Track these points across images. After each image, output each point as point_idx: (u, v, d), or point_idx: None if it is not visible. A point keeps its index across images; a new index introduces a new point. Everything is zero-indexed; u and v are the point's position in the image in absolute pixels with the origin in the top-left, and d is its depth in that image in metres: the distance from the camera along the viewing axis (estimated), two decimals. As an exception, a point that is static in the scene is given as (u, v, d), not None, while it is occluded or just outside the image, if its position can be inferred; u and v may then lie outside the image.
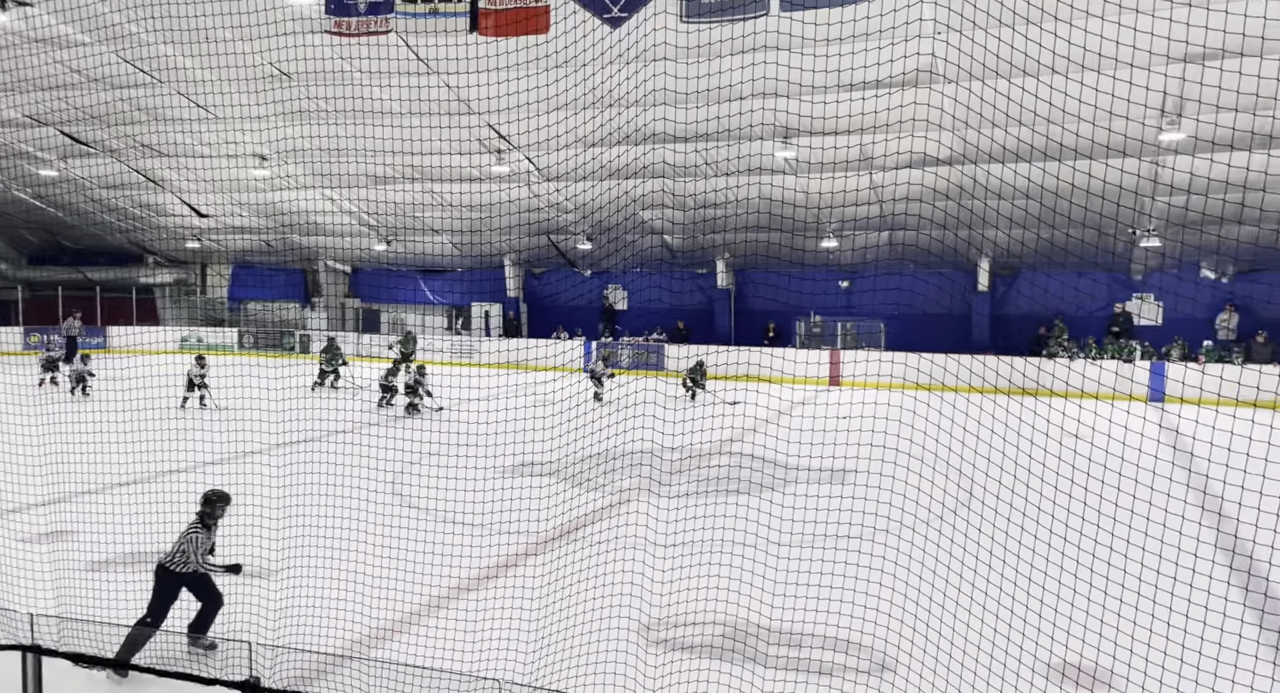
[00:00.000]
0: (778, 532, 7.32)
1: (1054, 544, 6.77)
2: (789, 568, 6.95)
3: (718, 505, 8.72)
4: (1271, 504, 6.35)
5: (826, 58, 12.35)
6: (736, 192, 21.49)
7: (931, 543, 7.15)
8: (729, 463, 11.86)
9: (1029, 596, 6.24)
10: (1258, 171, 16.31)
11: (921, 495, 7.89)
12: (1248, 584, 7.50)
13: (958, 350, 22.09)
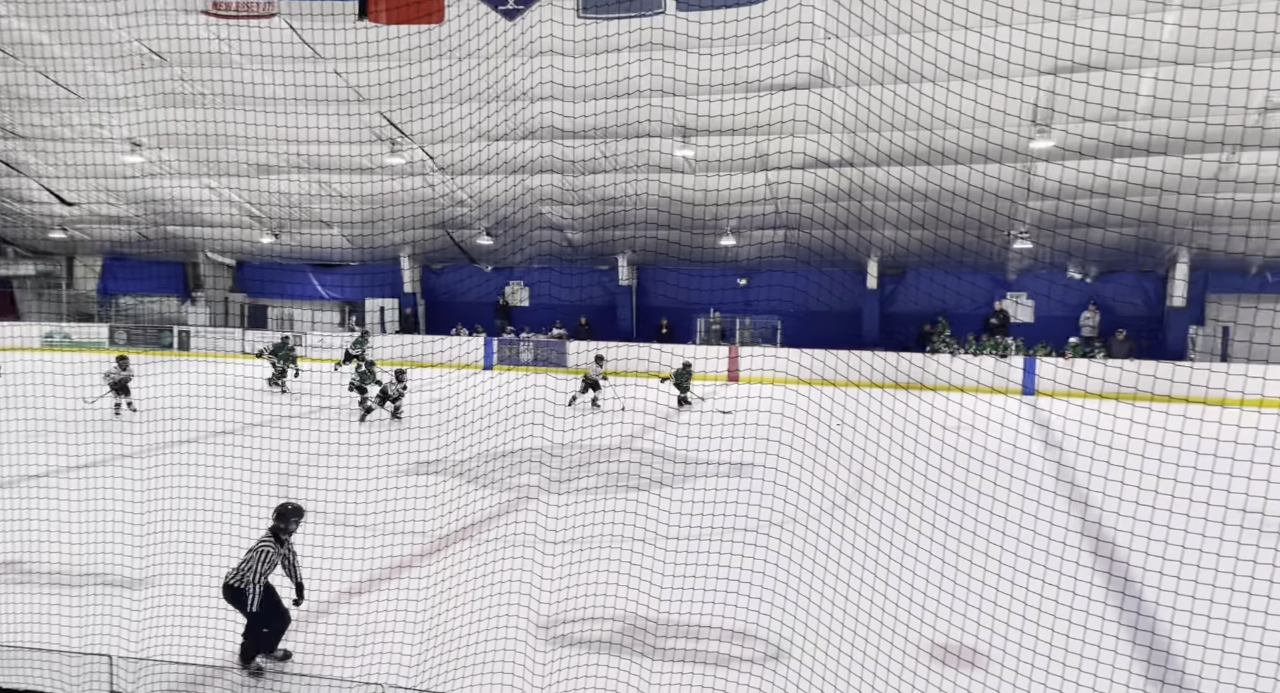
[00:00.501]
0: (675, 527, 7.40)
1: (933, 533, 7.09)
2: (683, 562, 7.03)
3: (614, 502, 8.73)
4: (1129, 490, 6.83)
5: (722, 57, 12.55)
6: (637, 188, 21.58)
7: (822, 534, 7.36)
8: (629, 460, 11.91)
9: (911, 585, 6.52)
10: (1119, 179, 17.52)
11: (813, 488, 8.11)
12: (1110, 569, 8.04)
13: (849, 346, 22.91)
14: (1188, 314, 21.48)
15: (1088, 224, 19.78)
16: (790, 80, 15.04)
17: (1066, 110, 15.37)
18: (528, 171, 20.63)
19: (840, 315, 25.03)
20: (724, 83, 13.55)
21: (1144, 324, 22.27)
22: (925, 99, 13.36)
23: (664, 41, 12.93)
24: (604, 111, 16.25)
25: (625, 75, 14.32)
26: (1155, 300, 22.41)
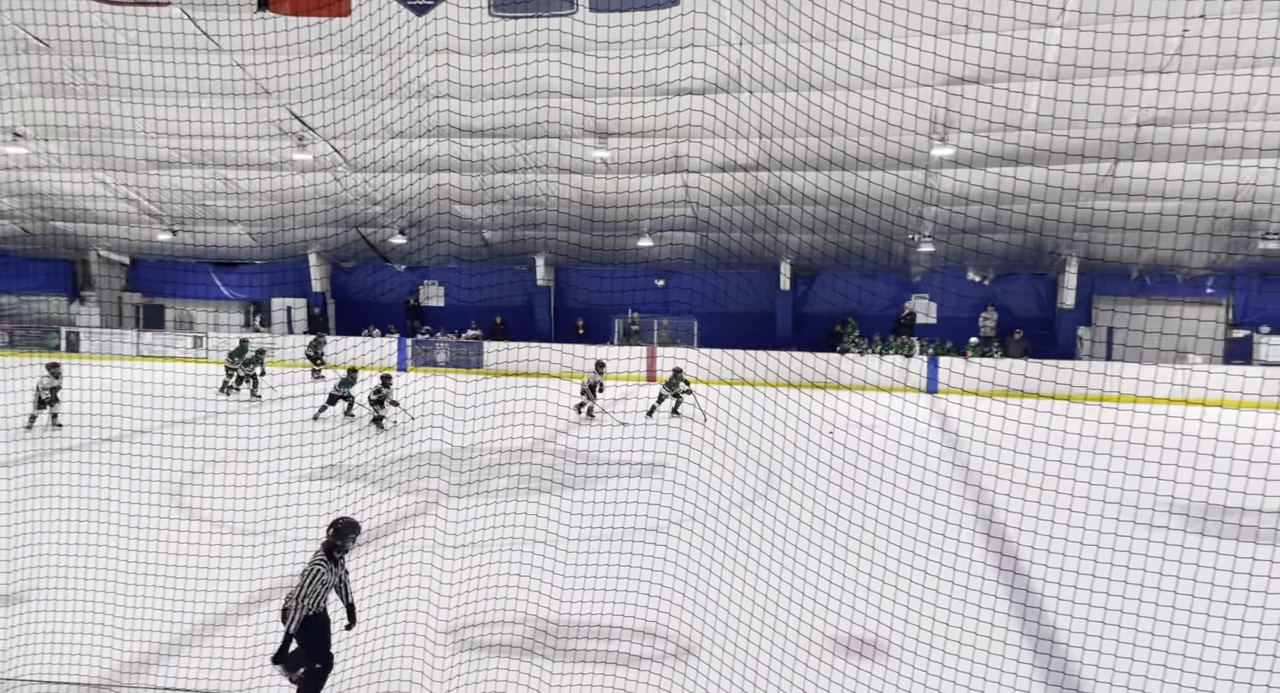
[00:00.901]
0: (580, 528, 7.44)
1: (837, 528, 7.33)
2: (588, 563, 7.08)
3: (520, 504, 8.71)
4: (1019, 485, 7.22)
5: (633, 59, 12.64)
6: (553, 189, 21.53)
7: (729, 531, 7.53)
8: (538, 462, 11.89)
9: (816, 579, 6.73)
10: (1012, 191, 18.42)
11: (723, 486, 8.28)
12: (1001, 564, 8.47)
13: (764, 346, 23.42)
14: (1076, 315, 22.74)
15: (983, 230, 20.75)
16: (701, 85, 15.27)
17: (961, 121, 16.07)
18: (437, 169, 20.33)
19: (755, 316, 25.53)
20: (635, 86, 13.65)
21: (1038, 325, 23.47)
22: (834, 106, 13.77)
23: (570, 44, 12.94)
24: (512, 110, 16.15)
25: (534, 74, 14.28)
26: (1047, 302, 23.63)
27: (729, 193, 20.18)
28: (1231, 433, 12.30)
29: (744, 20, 11.21)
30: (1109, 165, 17.42)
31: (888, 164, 17.08)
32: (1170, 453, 7.26)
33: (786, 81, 14.10)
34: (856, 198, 18.71)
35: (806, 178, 18.19)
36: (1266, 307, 21.93)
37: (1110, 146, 16.50)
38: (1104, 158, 17.09)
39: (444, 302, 28.41)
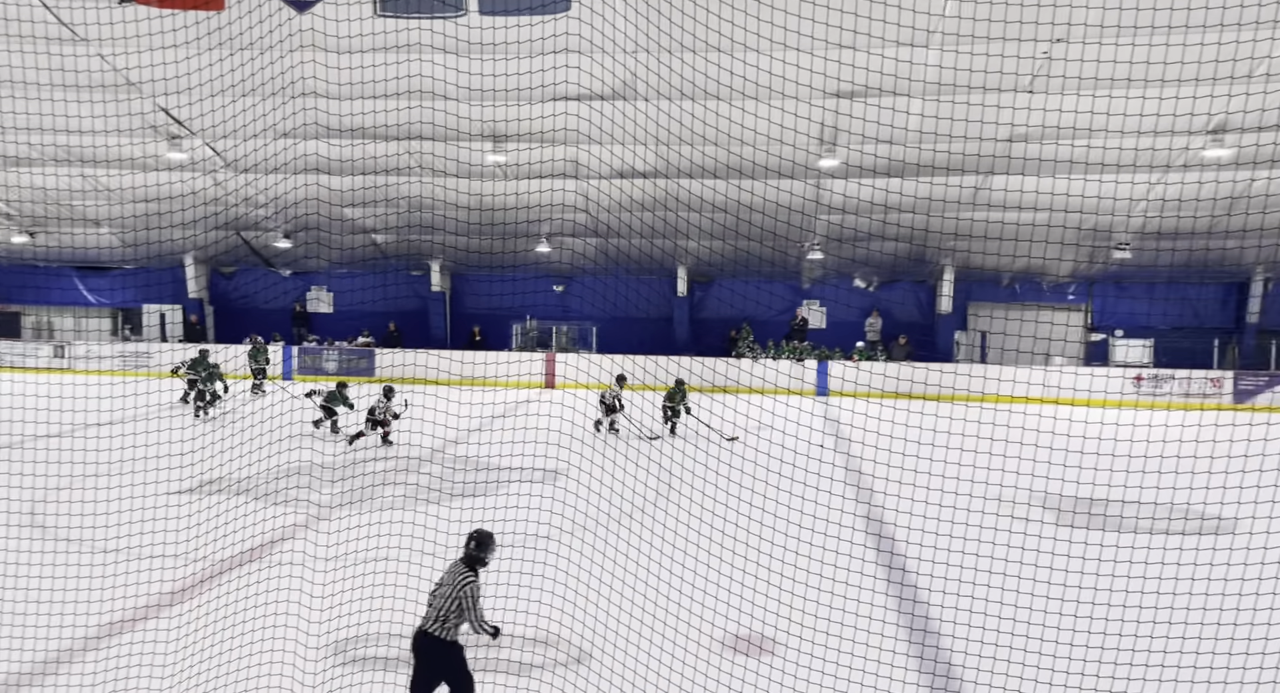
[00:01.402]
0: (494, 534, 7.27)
1: (729, 530, 7.43)
2: (494, 568, 6.92)
3: (410, 515, 8.43)
4: (903, 475, 7.50)
5: (527, 61, 12.54)
6: (446, 194, 21.12)
7: (628, 535, 7.52)
8: (431, 472, 11.58)
9: (707, 579, 6.80)
10: (898, 200, 19.27)
11: (623, 491, 8.27)
12: (891, 562, 8.79)
13: (662, 351, 23.64)
14: (953, 320, 23.98)
15: (868, 238, 21.62)
16: (596, 91, 15.29)
17: (848, 134, 16.69)
18: (333, 173, 19.61)
19: (653, 321, 25.76)
20: (524, 88, 13.51)
21: (919, 329, 24.61)
22: (727, 115, 14.04)
23: (454, 48, 12.74)
24: (395, 109, 15.72)
25: (421, 73, 13.98)
26: (927, 308, 24.81)
27: (626, 199, 20.29)
28: (1096, 430, 13.16)
29: (637, 28, 11.29)
30: (981, 179, 18.45)
31: (779, 174, 17.55)
32: (1042, 451, 7.71)
33: (680, 90, 14.28)
34: (750, 206, 19.15)
35: (703, 185, 18.49)
36: (1121, 311, 23.72)
37: (984, 161, 17.49)
38: (979, 172, 18.09)
39: (333, 308, 27.40)
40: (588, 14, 11.66)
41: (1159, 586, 6.67)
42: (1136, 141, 16.25)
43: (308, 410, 15.14)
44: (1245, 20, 11.45)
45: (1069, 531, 9.02)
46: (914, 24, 12.16)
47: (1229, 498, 7.80)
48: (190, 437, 8.92)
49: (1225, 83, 13.62)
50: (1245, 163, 16.63)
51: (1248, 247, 20.40)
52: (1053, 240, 20.87)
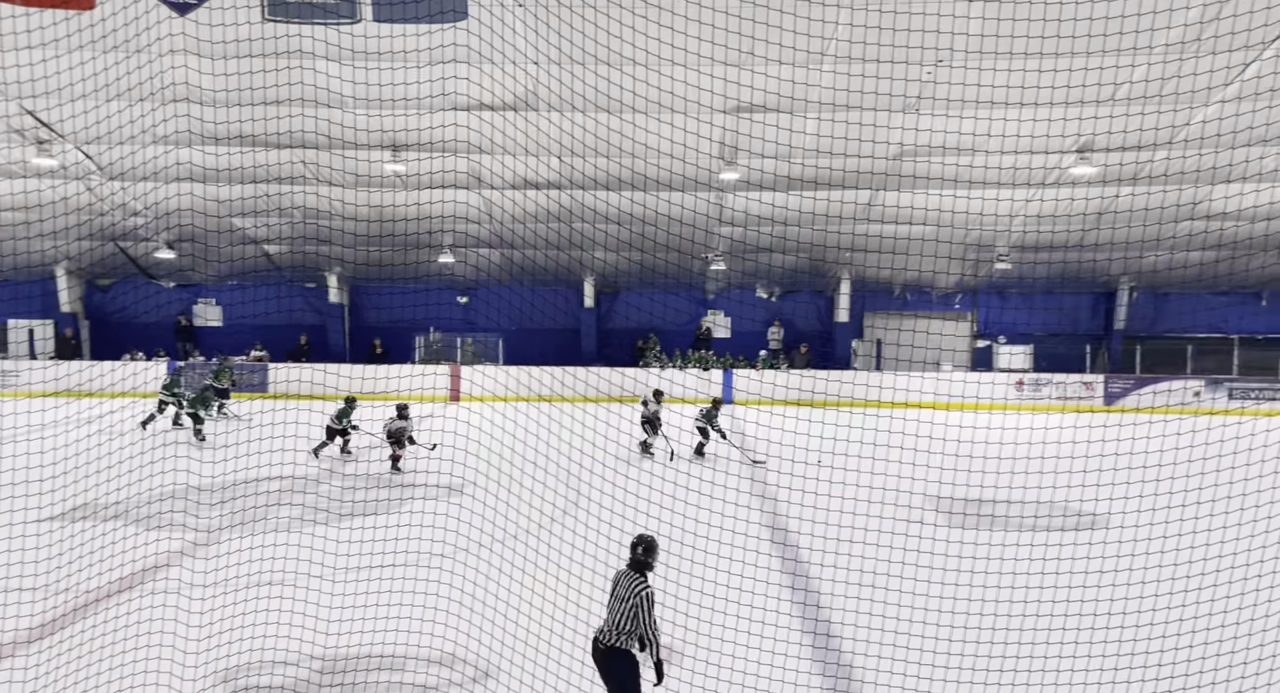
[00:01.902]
0: (370, 556, 7.03)
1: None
2: (374, 592, 6.70)
3: (300, 537, 8.10)
4: (805, 480, 7.66)
5: (429, 69, 12.32)
6: (346, 206, 20.50)
7: (529, 551, 7.42)
8: (327, 493, 11.16)
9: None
10: (797, 213, 19.85)
11: (530, 505, 8.15)
12: (795, 570, 8.96)
13: (569, 362, 23.55)
14: (850, 329, 24.82)
15: (769, 249, 22.16)
16: (496, 101, 15.16)
17: (749, 150, 17.07)
18: (219, 181, 18.72)
19: (560, 332, 25.65)
20: (420, 97, 13.29)
21: (819, 338, 25.36)
22: (627, 128, 14.14)
23: (335, 56, 12.40)
24: (284, 116, 15.18)
25: (315, 83, 13.56)
26: (826, 317, 25.60)
27: (531, 210, 20.16)
28: (983, 434, 13.78)
29: (537, 39, 11.25)
30: (872, 194, 19.20)
31: (682, 185, 17.80)
32: (934, 457, 8.02)
33: (583, 103, 14.33)
34: (655, 217, 19.34)
35: (608, 197, 18.55)
36: (1003, 320, 25.08)
37: (874, 178, 18.22)
38: (871, 188, 18.81)
39: (223, 322, 26.12)
40: (486, 25, 11.54)
41: (1041, 580, 7.05)
42: (1015, 160, 17.26)
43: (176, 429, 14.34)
44: (1108, 48, 12.33)
45: (960, 532, 9.41)
46: (807, 47, 12.56)
47: (1102, 495, 8.32)
48: (56, 460, 8.31)
49: (1090, 106, 14.62)
50: (1109, 180, 17.88)
51: (1114, 258, 21.94)
52: (940, 254, 21.91)
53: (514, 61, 12.67)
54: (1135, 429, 10.39)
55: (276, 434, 12.63)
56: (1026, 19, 9.89)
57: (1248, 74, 13.81)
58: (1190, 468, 7.72)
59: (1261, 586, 6.81)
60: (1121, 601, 6.90)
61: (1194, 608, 6.79)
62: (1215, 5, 12.17)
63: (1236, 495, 7.99)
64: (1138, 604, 6.68)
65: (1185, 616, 6.63)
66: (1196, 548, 7.12)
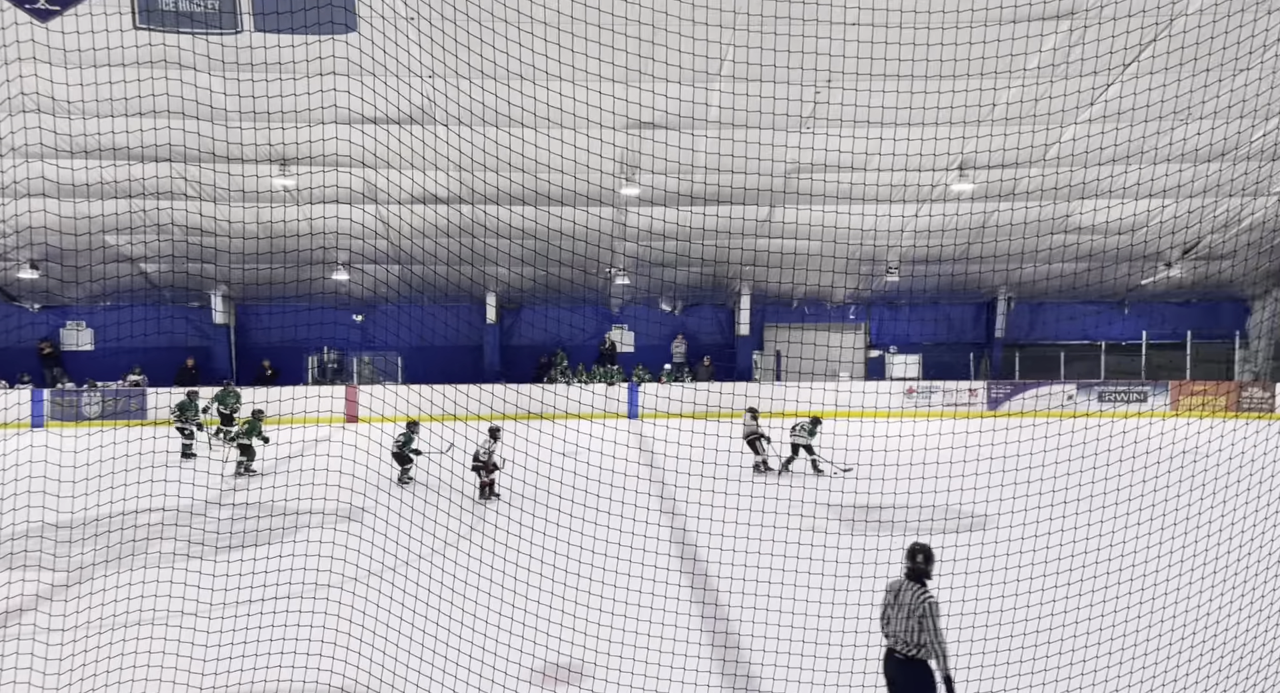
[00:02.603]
0: (267, 586, 6.64)
1: (544, 558, 7.28)
2: (255, 627, 6.33)
3: (171, 572, 7.58)
4: (717, 499, 7.69)
5: (318, 80, 11.89)
6: (231, 225, 19.60)
7: (424, 578, 7.15)
8: (207, 528, 10.51)
9: (516, 611, 6.60)
10: (696, 227, 20.13)
11: (427, 529, 7.87)
12: (702, 585, 8.97)
13: (472, 380, 23.09)
14: (751, 341, 25.31)
15: (670, 264, 22.40)
16: (391, 114, 14.78)
17: (650, 168, 17.24)
18: (90, 197, 17.55)
19: (462, 349, 25.15)
20: (308, 108, 12.83)
21: (721, 351, 25.74)
22: (526, 143, 14.04)
23: (221, 70, 11.88)
24: (156, 128, 14.41)
25: (196, 98, 12.89)
26: (728, 330, 26.04)
27: (430, 225, 19.72)
28: (881, 442, 14.20)
29: (443, 48, 11.02)
30: (767, 210, 19.68)
31: (583, 201, 17.80)
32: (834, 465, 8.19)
33: (482, 117, 14.12)
34: (557, 232, 19.25)
35: (510, 211, 18.34)
36: (894, 330, 26.10)
37: (769, 194, 18.68)
38: (769, 204, 19.29)
39: (94, 345, 24.44)
40: (379, 35, 11.23)
41: (936, 581, 7.27)
42: (905, 178, 18.03)
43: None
44: (986, 71, 13.04)
45: (862, 539, 9.65)
46: (702, 66, 12.77)
47: (989, 496, 8.69)
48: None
49: (968, 126, 15.43)
50: (986, 196, 18.90)
51: (992, 270, 23.17)
52: (834, 269, 22.65)
53: (406, 74, 12.39)
54: (1020, 433, 10.92)
55: (157, 464, 11.81)
56: (911, 43, 10.36)
57: (1107, 96, 14.88)
58: (1070, 467, 8.15)
59: (1135, 574, 7.23)
60: (1012, 596, 7.19)
61: (1075, 601, 7.15)
62: (1076, 32, 13.07)
63: (1111, 491, 8.50)
64: (1026, 599, 6.98)
65: (1070, 606, 6.97)
66: (1078, 542, 7.52)
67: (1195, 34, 12.60)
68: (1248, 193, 18.69)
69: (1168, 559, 7.11)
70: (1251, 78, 13.74)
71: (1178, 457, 12.94)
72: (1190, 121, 14.81)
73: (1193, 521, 7.81)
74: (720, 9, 10.77)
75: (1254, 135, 16.11)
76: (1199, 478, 10.18)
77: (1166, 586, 6.98)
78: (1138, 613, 6.72)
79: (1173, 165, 17.08)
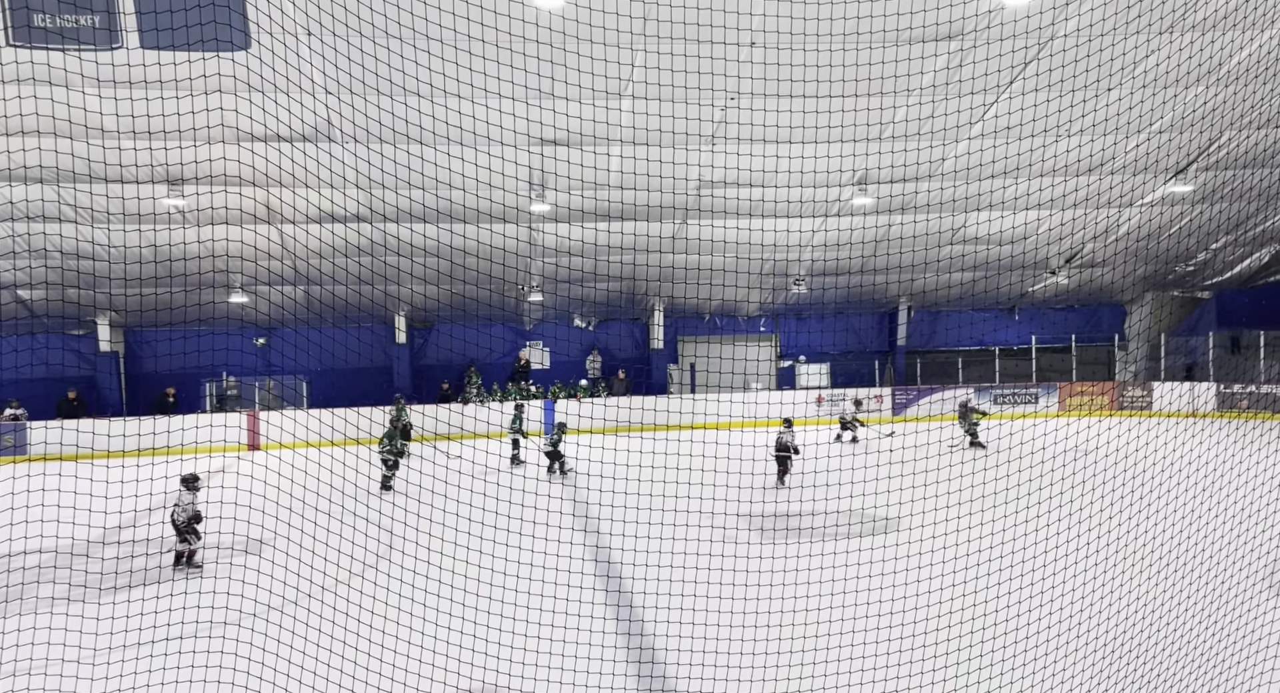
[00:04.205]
0: (144, 631, 6.26)
1: (461, 580, 7.12)
2: (164, 667, 5.98)
3: (50, 618, 7.11)
4: (632, 514, 7.67)
5: (217, 97, 11.47)
6: (117, 243, 18.58)
7: (327, 611, 6.90)
8: (92, 569, 9.88)
9: (433, 636, 6.44)
10: (607, 242, 20.20)
11: (337, 556, 7.58)
12: (620, 600, 8.94)
13: (382, 401, 22.47)
14: (665, 354, 25.52)
15: (583, 280, 22.42)
16: (294, 133, 14.36)
17: (556, 188, 17.25)
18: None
19: (371, 371, 24.49)
20: (209, 125, 12.32)
21: (636, 364, 25.85)
22: (429, 162, 13.84)
23: (97, 90, 11.36)
24: (39, 149, 13.65)
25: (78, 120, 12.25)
26: (642, 343, 26.18)
27: (333, 245, 19.19)
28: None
29: (336, 66, 10.78)
30: (677, 226, 19.94)
31: (491, 219, 17.64)
32: (746, 477, 8.33)
33: (380, 135, 13.86)
34: (466, 251, 19.00)
35: (416, 230, 18.02)
36: (803, 341, 26.76)
37: (681, 211, 18.95)
38: (677, 221, 19.53)
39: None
40: (270, 54, 10.92)
41: (843, 585, 7.46)
42: (811, 193, 18.56)
43: None
44: (883, 90, 13.59)
45: (773, 547, 9.80)
46: (609, 87, 12.89)
47: (894, 500, 8.98)
48: None
49: (872, 143, 16.02)
50: (885, 210, 19.64)
51: (892, 281, 24.07)
52: (743, 282, 23.11)
53: (299, 93, 12.07)
54: (921, 437, 11.34)
55: (34, 503, 11.03)
56: (809, 64, 10.68)
57: (991, 114, 15.69)
58: (974, 466, 8.49)
59: (1036, 566, 7.58)
60: (925, 595, 7.43)
61: (975, 596, 7.44)
62: (964, 52, 13.76)
63: (1009, 489, 8.90)
64: (933, 597, 7.23)
65: (976, 601, 7.24)
66: (984, 538, 7.83)
67: (1069, 55, 13.48)
68: (1119, 203, 20.00)
69: (1054, 554, 7.48)
70: (1115, 97, 14.76)
71: (1065, 454, 13.69)
72: (1067, 136, 15.77)
73: (1075, 516, 8.25)
74: (618, 29, 10.89)
75: (1123, 149, 17.26)
76: (1083, 474, 10.77)
77: (1054, 578, 7.34)
78: (1046, 612, 7.04)
79: (1056, 178, 18.14)
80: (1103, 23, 12.42)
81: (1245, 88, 15.26)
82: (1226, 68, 14.48)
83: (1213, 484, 8.11)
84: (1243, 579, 7.46)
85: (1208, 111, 15.80)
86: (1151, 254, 23.13)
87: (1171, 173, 18.45)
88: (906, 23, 11.19)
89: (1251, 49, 13.91)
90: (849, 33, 10.96)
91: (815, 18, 10.94)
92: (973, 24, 13.16)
